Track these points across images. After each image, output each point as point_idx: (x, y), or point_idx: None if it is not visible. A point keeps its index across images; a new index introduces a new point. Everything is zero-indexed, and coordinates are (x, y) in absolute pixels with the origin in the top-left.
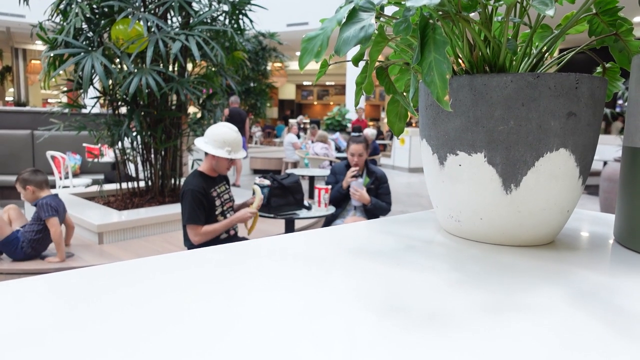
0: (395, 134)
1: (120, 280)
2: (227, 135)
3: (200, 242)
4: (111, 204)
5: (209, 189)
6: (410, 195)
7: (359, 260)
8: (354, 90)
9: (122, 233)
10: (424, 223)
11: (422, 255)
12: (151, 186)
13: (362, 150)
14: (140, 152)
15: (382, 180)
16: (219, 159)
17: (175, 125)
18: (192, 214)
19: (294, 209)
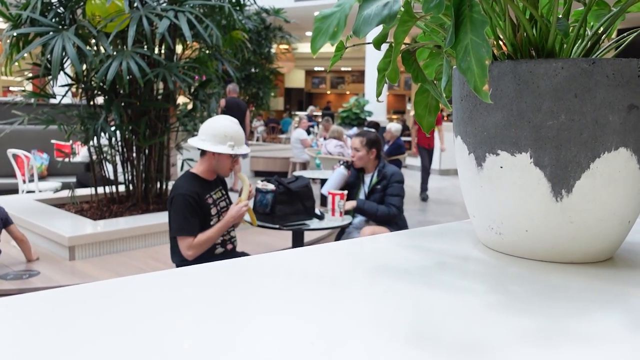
0: (424, 130)
1: (95, 304)
2: (227, 128)
3: (194, 256)
4: (85, 212)
5: (203, 194)
6: (442, 202)
7: (381, 279)
8: (375, 78)
9: (98, 247)
10: (458, 235)
11: (455, 274)
12: (133, 191)
13: (359, 145)
14: (120, 151)
15: (392, 179)
16: (221, 157)
17: (162, 119)
18: (184, 223)
19: (302, 218)
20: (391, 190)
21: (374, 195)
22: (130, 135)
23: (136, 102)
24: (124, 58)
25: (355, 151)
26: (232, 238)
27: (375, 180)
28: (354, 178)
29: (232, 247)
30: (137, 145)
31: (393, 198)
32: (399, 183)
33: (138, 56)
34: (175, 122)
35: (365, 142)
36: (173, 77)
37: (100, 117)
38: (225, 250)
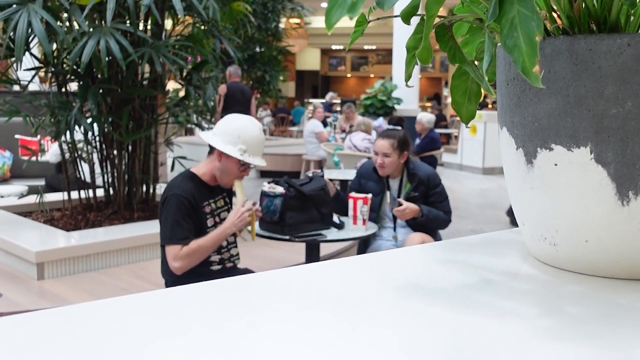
0: (463, 120)
1: (68, 332)
2: (245, 129)
3: (182, 269)
4: (56, 221)
5: (201, 200)
6: (485, 207)
7: (412, 301)
8: (404, 59)
9: (72, 264)
10: (505, 247)
11: (501, 294)
12: (113, 196)
13: (389, 148)
14: (98, 147)
15: (431, 183)
16: (228, 161)
17: (148, 109)
18: (175, 228)
19: (318, 227)
20: (436, 196)
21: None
22: (111, 129)
23: (117, 88)
24: (102, 36)
25: (384, 157)
26: (232, 257)
27: (408, 187)
28: (375, 184)
29: (232, 266)
30: (119, 141)
31: (442, 204)
32: (440, 184)
33: (119, 33)
34: (165, 113)
35: (397, 144)
36: (161, 58)
37: (73, 107)
38: (223, 267)
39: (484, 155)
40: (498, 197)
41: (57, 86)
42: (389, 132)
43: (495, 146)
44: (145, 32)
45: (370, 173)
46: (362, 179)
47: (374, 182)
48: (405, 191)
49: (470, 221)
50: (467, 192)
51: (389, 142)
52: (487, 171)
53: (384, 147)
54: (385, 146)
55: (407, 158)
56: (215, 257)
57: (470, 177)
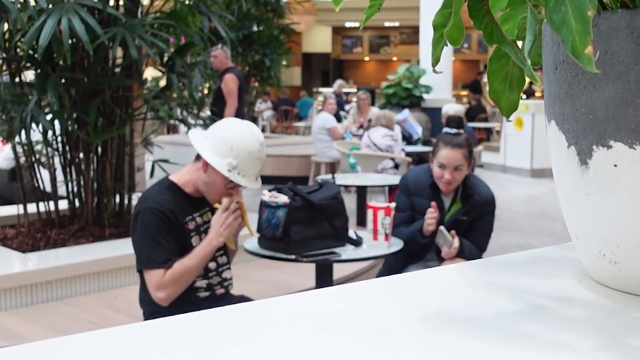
0: (503, 113)
1: None
2: (242, 140)
3: (168, 299)
4: (9, 241)
5: (182, 214)
6: (534, 216)
7: (443, 333)
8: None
9: (29, 292)
10: (556, 265)
11: (551, 323)
12: (80, 209)
13: (462, 160)
14: (61, 150)
15: (485, 209)
16: (214, 173)
17: (122, 102)
18: (154, 250)
19: (330, 244)
20: (482, 225)
21: (455, 229)
22: (75, 127)
23: (83, 77)
24: (64, 13)
25: (455, 171)
26: (224, 281)
27: (458, 207)
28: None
29: (224, 292)
30: (86, 142)
31: (483, 237)
32: (494, 212)
33: (85, 10)
34: (142, 107)
35: (468, 154)
36: (137, 40)
37: (29, 101)
38: (212, 294)
39: (533, 154)
40: (550, 205)
41: (10, 75)
42: (458, 140)
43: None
44: (116, 8)
45: (424, 188)
46: (412, 196)
47: (426, 198)
48: (452, 212)
49: (517, 234)
50: (513, 199)
51: (461, 153)
52: (537, 173)
53: (456, 159)
54: (458, 158)
55: None
56: (202, 282)
57: (515, 181)
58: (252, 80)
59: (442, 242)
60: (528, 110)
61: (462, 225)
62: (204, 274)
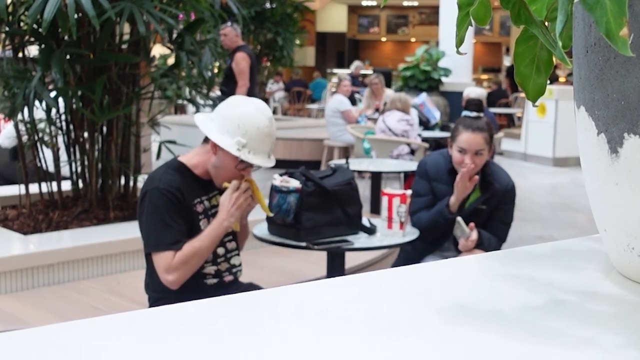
0: (529, 98)
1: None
2: (249, 117)
3: (179, 281)
4: (10, 222)
5: (190, 196)
6: (557, 207)
7: (462, 326)
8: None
9: (31, 276)
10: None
11: (575, 318)
12: (84, 190)
13: (483, 144)
14: (64, 129)
15: (506, 198)
16: (224, 155)
17: (129, 80)
18: (163, 232)
19: (343, 232)
20: (502, 214)
21: (474, 219)
22: (80, 105)
23: (89, 54)
24: None
25: (476, 156)
26: (232, 267)
27: (477, 196)
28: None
29: (232, 279)
30: (91, 121)
31: (503, 226)
32: (514, 201)
33: None
34: (149, 85)
35: (489, 138)
36: (145, 15)
37: (33, 77)
38: (221, 281)
39: (555, 141)
40: (573, 196)
41: (13, 50)
42: (478, 123)
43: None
44: None
45: (443, 174)
46: (432, 182)
47: (445, 184)
48: (472, 200)
49: (538, 225)
50: (534, 188)
51: (482, 137)
52: (559, 162)
53: (477, 143)
54: (479, 142)
55: None
56: (211, 268)
57: (537, 170)
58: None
59: (460, 234)
60: (552, 96)
61: (482, 215)
62: (213, 259)
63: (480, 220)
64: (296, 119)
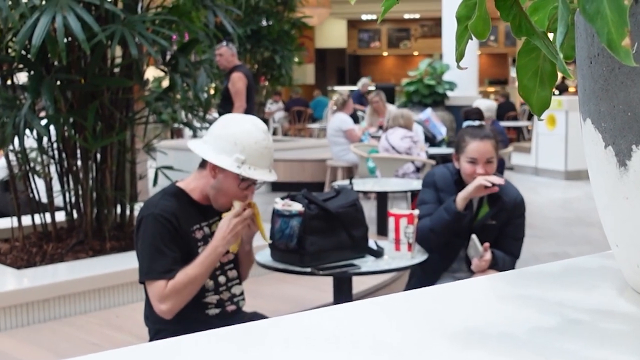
0: (534, 111)
1: None
2: (245, 133)
3: (172, 310)
4: (3, 256)
5: (188, 222)
6: (569, 222)
7: (472, 350)
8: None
9: (25, 312)
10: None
11: (590, 339)
12: (78, 221)
13: (493, 152)
14: (57, 158)
15: (515, 212)
16: (224, 176)
17: (122, 105)
18: (156, 259)
19: (349, 256)
20: (513, 229)
21: (484, 235)
22: (72, 133)
23: (80, 79)
24: (59, 10)
25: (487, 164)
26: (233, 297)
27: (486, 211)
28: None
29: (235, 309)
30: (84, 148)
31: (515, 242)
32: (525, 214)
33: (80, 6)
34: (143, 110)
35: (497, 145)
36: (137, 37)
37: (23, 105)
38: (223, 311)
39: (567, 154)
40: (587, 210)
41: (1, 78)
42: (484, 131)
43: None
44: (115, 4)
45: (450, 186)
46: (440, 192)
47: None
48: (481, 216)
49: (551, 242)
50: (546, 203)
51: (491, 144)
52: (572, 175)
53: (487, 151)
54: (489, 150)
55: None
56: (213, 297)
57: (549, 184)
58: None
59: (473, 253)
60: (561, 107)
61: (492, 231)
62: (214, 288)
63: (490, 236)
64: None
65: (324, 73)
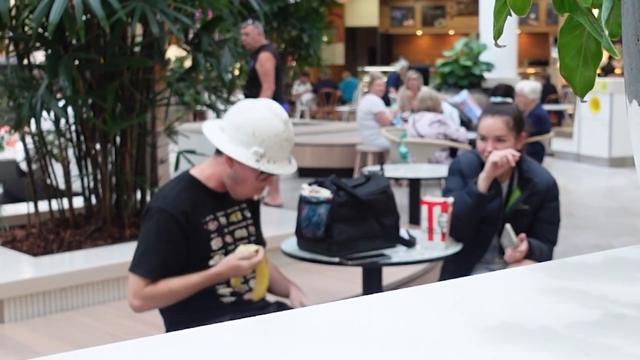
0: (576, 92)
1: None
2: (264, 123)
3: (141, 310)
4: (19, 243)
5: (202, 213)
6: (614, 212)
7: (509, 346)
8: (493, 7)
9: (41, 301)
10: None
11: (633, 334)
12: (97, 207)
13: (504, 129)
14: (75, 141)
15: (548, 196)
16: (241, 167)
17: (142, 86)
18: (146, 255)
19: (379, 245)
20: (548, 213)
21: (518, 222)
22: (91, 115)
23: (99, 58)
24: None
25: (498, 142)
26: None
27: (517, 195)
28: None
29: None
30: (103, 131)
31: (550, 228)
32: (558, 198)
33: None
34: (165, 91)
35: (513, 123)
36: (159, 15)
37: (39, 86)
38: (239, 300)
39: (611, 140)
40: (632, 199)
41: (17, 57)
42: (500, 107)
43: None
44: None
45: (476, 170)
46: (466, 177)
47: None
48: (512, 201)
49: (594, 233)
50: (588, 192)
51: (502, 121)
52: (616, 162)
53: (495, 127)
54: (498, 126)
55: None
56: (226, 289)
57: (592, 172)
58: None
59: (507, 243)
60: (605, 89)
61: (525, 217)
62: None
63: (524, 223)
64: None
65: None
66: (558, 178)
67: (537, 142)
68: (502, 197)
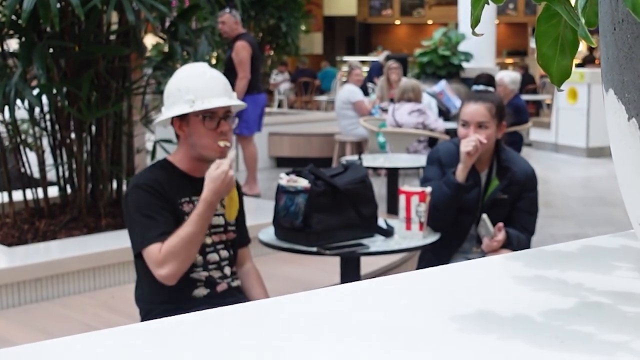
0: (553, 81)
1: None
2: (184, 76)
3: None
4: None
5: (177, 194)
6: (590, 202)
7: (485, 334)
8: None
9: (16, 291)
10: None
11: (609, 322)
12: (72, 196)
13: (486, 116)
14: (49, 130)
15: (527, 186)
16: (192, 128)
17: (118, 74)
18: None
19: (357, 235)
20: (526, 203)
21: (496, 211)
22: (66, 103)
23: (74, 46)
24: None
25: (479, 128)
26: (225, 277)
27: (496, 184)
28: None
29: (226, 288)
30: (78, 120)
31: (529, 217)
32: (537, 188)
33: None
34: (141, 79)
35: (495, 110)
36: (134, 2)
37: (13, 74)
38: (212, 292)
39: (589, 130)
40: (609, 189)
41: None
42: (483, 95)
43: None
44: None
45: (455, 160)
46: (445, 167)
47: None
48: (490, 191)
49: (571, 222)
50: (566, 182)
51: (485, 107)
52: (594, 152)
53: (478, 113)
54: (481, 112)
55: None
56: (202, 273)
57: (569, 162)
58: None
59: (484, 233)
60: (583, 79)
61: (503, 206)
62: (204, 264)
63: (502, 212)
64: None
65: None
66: (536, 168)
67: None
68: (481, 187)
